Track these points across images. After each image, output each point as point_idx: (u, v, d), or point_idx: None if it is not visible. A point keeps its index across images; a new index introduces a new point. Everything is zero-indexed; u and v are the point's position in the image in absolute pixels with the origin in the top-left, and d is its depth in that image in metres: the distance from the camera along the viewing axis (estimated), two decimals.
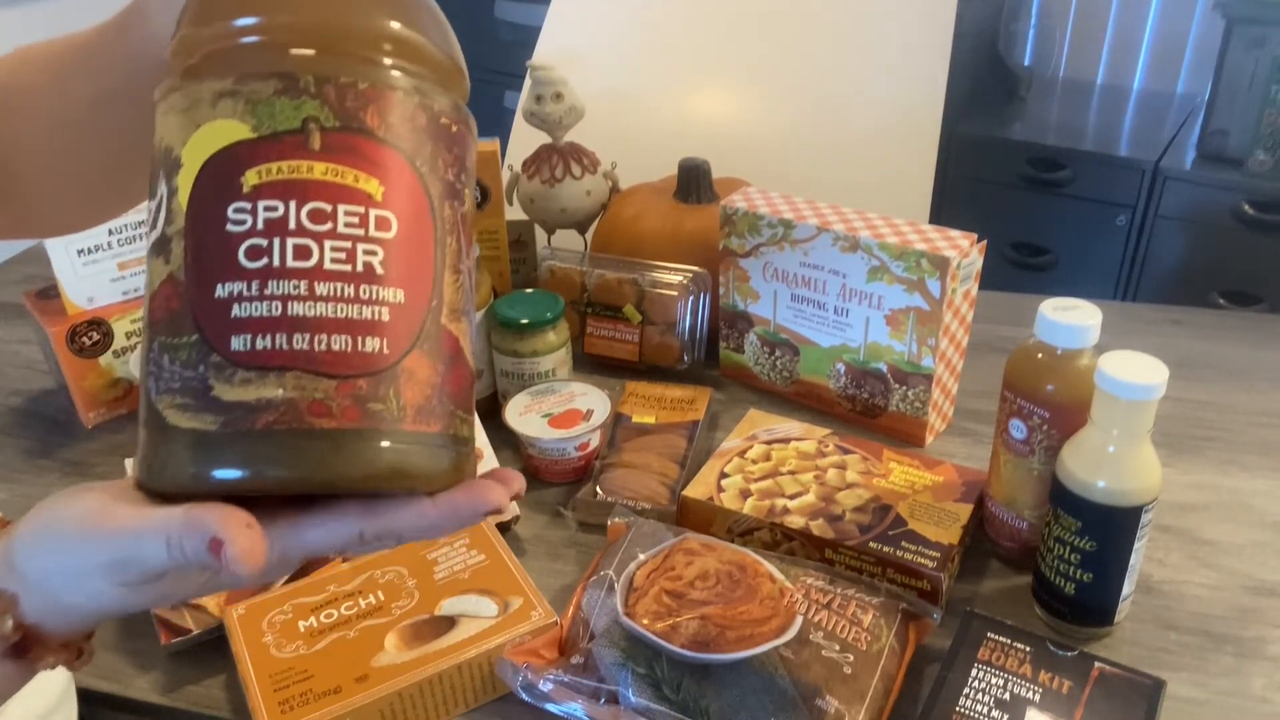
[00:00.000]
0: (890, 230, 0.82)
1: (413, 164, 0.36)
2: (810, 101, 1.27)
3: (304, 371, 0.34)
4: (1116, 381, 0.59)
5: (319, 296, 0.34)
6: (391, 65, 0.37)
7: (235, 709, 0.63)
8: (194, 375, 0.34)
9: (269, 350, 0.34)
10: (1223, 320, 1.07)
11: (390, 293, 0.35)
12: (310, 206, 0.34)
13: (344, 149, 0.35)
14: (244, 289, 0.34)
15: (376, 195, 0.35)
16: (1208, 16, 2.06)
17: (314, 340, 0.34)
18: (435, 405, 0.37)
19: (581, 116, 1.02)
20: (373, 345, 0.35)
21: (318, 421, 0.34)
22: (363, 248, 0.35)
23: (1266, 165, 1.81)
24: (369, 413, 0.35)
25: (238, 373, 0.34)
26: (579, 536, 0.77)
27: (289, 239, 0.34)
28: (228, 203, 0.34)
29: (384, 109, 0.36)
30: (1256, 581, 0.71)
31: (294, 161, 0.35)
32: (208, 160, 0.35)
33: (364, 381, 0.35)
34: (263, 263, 0.34)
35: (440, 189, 0.37)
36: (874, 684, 0.59)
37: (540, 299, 0.88)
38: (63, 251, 0.87)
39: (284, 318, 0.34)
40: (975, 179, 2.09)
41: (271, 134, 0.35)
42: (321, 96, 0.35)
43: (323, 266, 0.34)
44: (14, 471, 0.87)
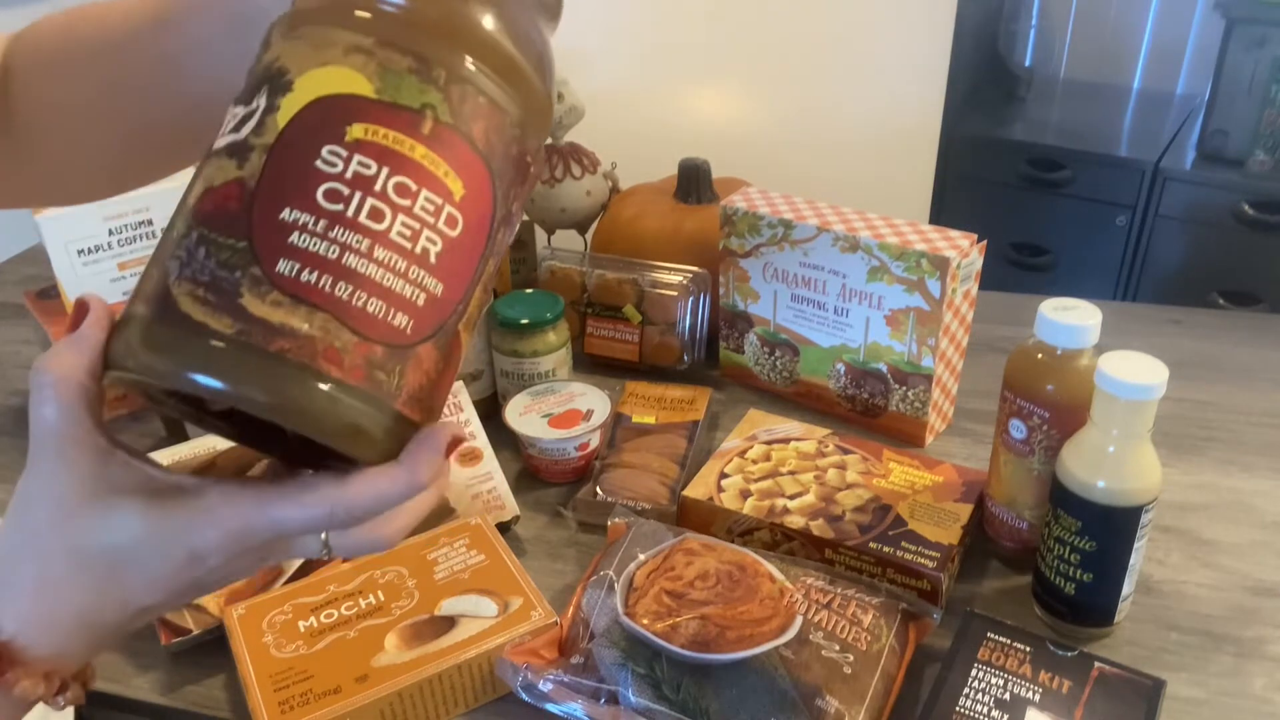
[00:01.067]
0: (890, 230, 0.82)
1: (494, 183, 0.39)
2: (810, 102, 1.27)
3: (334, 317, 0.35)
4: (1116, 381, 0.59)
5: (375, 259, 0.36)
6: (512, 94, 0.39)
7: (235, 709, 0.63)
8: (228, 277, 0.35)
9: (311, 285, 0.35)
10: (1223, 320, 1.07)
11: (433, 282, 0.37)
12: (399, 179, 0.36)
13: (446, 144, 0.37)
14: (311, 221, 0.35)
15: (457, 194, 0.38)
16: (1208, 16, 2.06)
17: (355, 294, 0.35)
18: (424, 397, 0.38)
19: (581, 116, 1.02)
20: (401, 321, 0.37)
21: (325, 366, 0.35)
22: (428, 234, 0.37)
23: (1266, 165, 1.81)
24: (372, 378, 0.36)
25: (272, 292, 0.35)
26: (579, 536, 0.77)
27: (369, 198, 0.36)
28: (325, 142, 0.36)
29: (490, 128, 0.38)
30: (1256, 581, 0.71)
31: (401, 135, 0.36)
32: (321, 97, 0.37)
33: (381, 349, 0.36)
34: (338, 207, 0.36)
35: (503, 214, 0.40)
36: (874, 684, 0.59)
37: (540, 299, 0.88)
38: (63, 251, 0.87)
39: (338, 264, 0.35)
40: (975, 179, 2.08)
41: (391, 102, 0.37)
42: (446, 92, 0.37)
43: (389, 235, 0.36)
44: (14, 471, 0.86)
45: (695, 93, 1.31)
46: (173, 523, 0.37)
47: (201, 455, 0.81)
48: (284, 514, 0.38)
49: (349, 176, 0.36)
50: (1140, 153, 1.94)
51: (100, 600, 0.38)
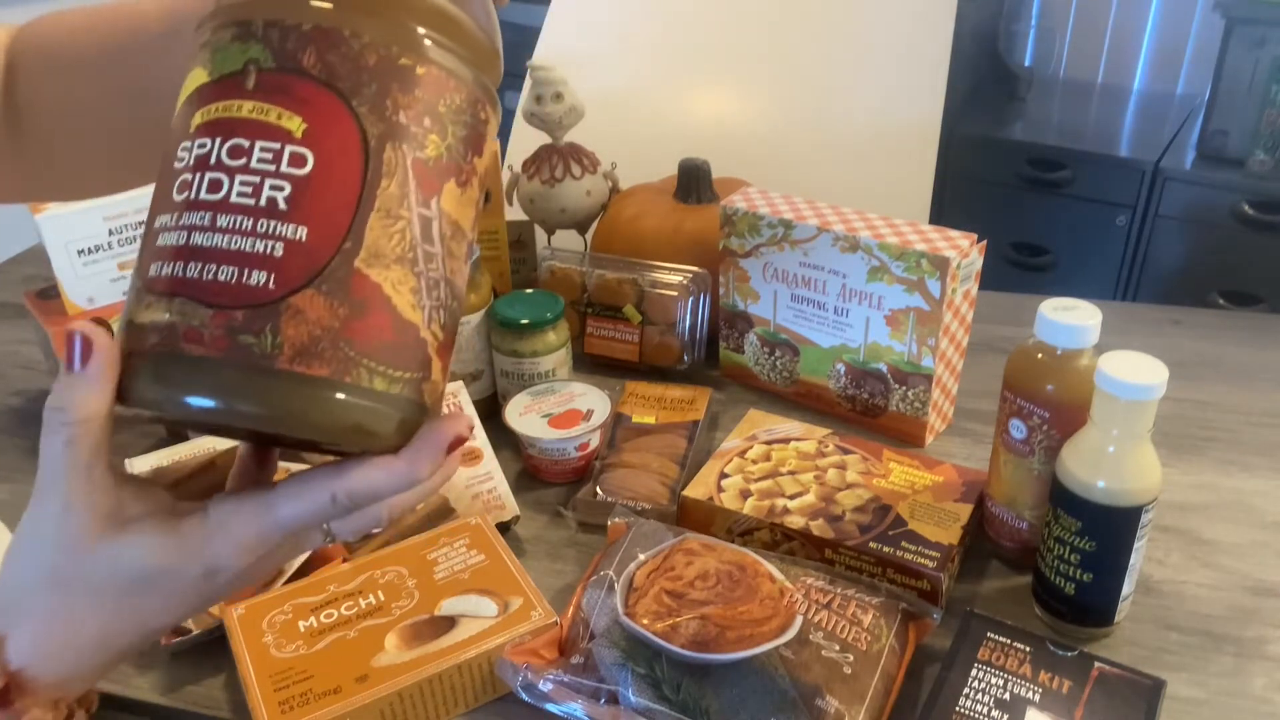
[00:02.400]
0: (890, 230, 0.82)
1: (348, 102, 0.36)
2: (810, 101, 1.27)
3: (188, 299, 0.35)
4: (1116, 381, 0.59)
5: (219, 228, 0.35)
6: (340, 5, 0.37)
7: (235, 709, 0.63)
8: (130, 297, 0.37)
9: (168, 277, 0.36)
10: (1223, 320, 1.07)
11: (289, 229, 0.35)
12: (231, 143, 0.36)
13: (274, 88, 0.36)
14: (169, 220, 0.36)
15: (296, 132, 0.36)
16: (1208, 17, 2.06)
17: (204, 269, 0.35)
18: (325, 349, 0.35)
19: (581, 116, 1.02)
20: (258, 279, 0.35)
21: (188, 348, 0.35)
22: (270, 183, 0.35)
23: (1266, 165, 1.81)
24: (237, 344, 0.35)
25: (146, 297, 0.36)
26: (579, 536, 0.77)
27: (207, 173, 0.36)
28: (179, 142, 0.37)
29: (324, 48, 0.36)
30: (1256, 581, 0.71)
31: (228, 101, 0.36)
32: (179, 107, 0.38)
33: (240, 314, 0.35)
34: (184, 196, 0.36)
35: (384, 130, 0.36)
36: (874, 684, 0.59)
37: (540, 299, 0.88)
38: (63, 251, 0.87)
39: (185, 246, 0.35)
40: (975, 179, 2.09)
41: (219, 77, 0.36)
42: (265, 39, 0.36)
43: (229, 200, 0.35)
44: (14, 471, 0.87)
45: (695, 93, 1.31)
46: (187, 544, 0.38)
47: (201, 455, 0.81)
48: (289, 512, 0.38)
49: (191, 163, 0.36)
50: (1140, 153, 1.94)
51: (118, 626, 0.39)
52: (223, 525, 0.38)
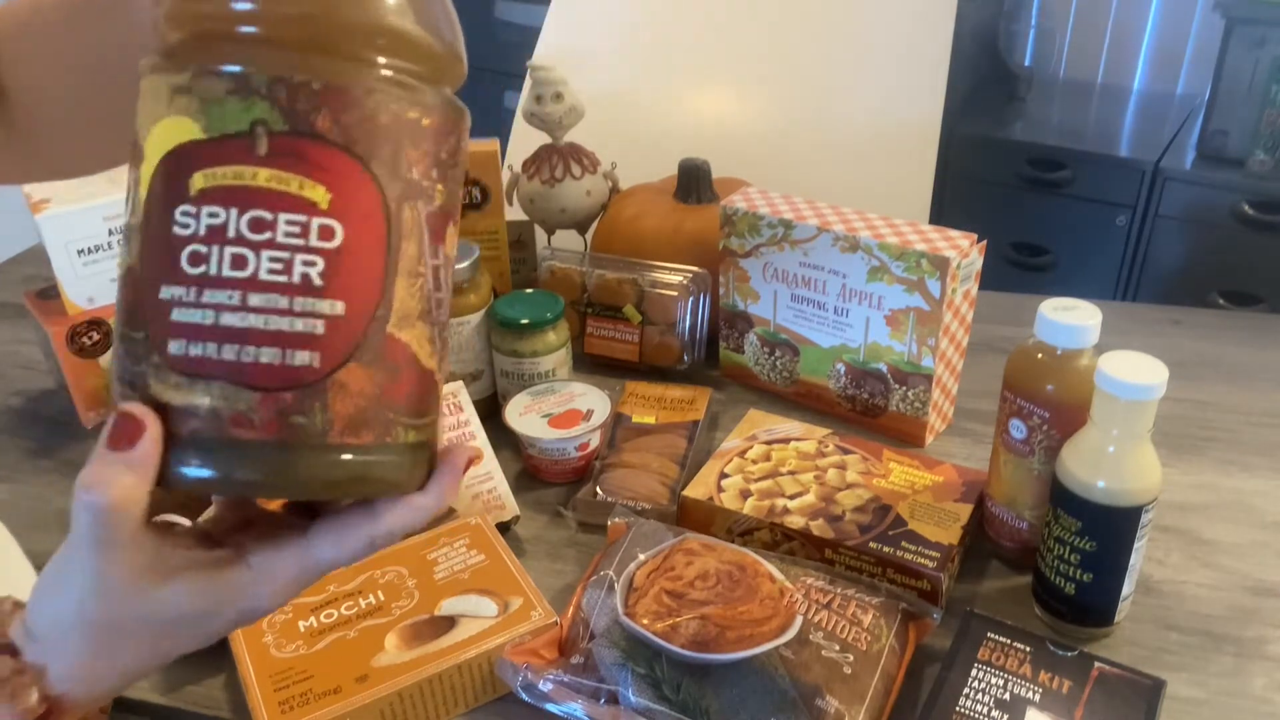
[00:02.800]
0: (890, 230, 0.82)
1: (367, 167, 0.35)
2: (810, 101, 1.27)
3: (230, 383, 0.34)
4: (1116, 381, 0.59)
5: (251, 308, 0.34)
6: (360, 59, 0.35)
7: (235, 709, 0.63)
8: (139, 371, 0.35)
9: (200, 358, 0.34)
10: (1223, 320, 1.07)
11: (328, 305, 0.35)
12: (251, 215, 0.34)
13: (291, 154, 0.34)
14: (184, 294, 0.34)
15: (322, 203, 0.34)
16: (1208, 16, 2.06)
17: (242, 352, 0.34)
18: (371, 416, 0.36)
19: (581, 116, 1.02)
20: (303, 359, 0.34)
21: (238, 432, 0.34)
22: (301, 258, 0.34)
23: (1266, 165, 1.81)
24: (290, 426, 0.34)
25: (171, 376, 0.34)
26: (579, 536, 0.77)
27: (227, 247, 0.34)
28: (176, 204, 0.34)
29: (338, 110, 0.34)
30: (1256, 581, 0.71)
31: (239, 167, 0.34)
32: (162, 158, 0.35)
33: (290, 395, 0.34)
34: (201, 270, 0.34)
35: (400, 190, 0.36)
36: (874, 684, 0.59)
37: (540, 299, 0.88)
38: (63, 251, 0.87)
39: (216, 327, 0.34)
40: (975, 179, 2.08)
41: (220, 136, 0.34)
42: (272, 98, 0.34)
43: (258, 277, 0.34)
44: (14, 471, 0.87)
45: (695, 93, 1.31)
46: (228, 590, 0.39)
47: None
48: (329, 557, 0.39)
49: (203, 233, 0.34)
50: (1140, 153, 1.94)
51: (152, 656, 0.39)
52: (264, 573, 0.39)
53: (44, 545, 0.76)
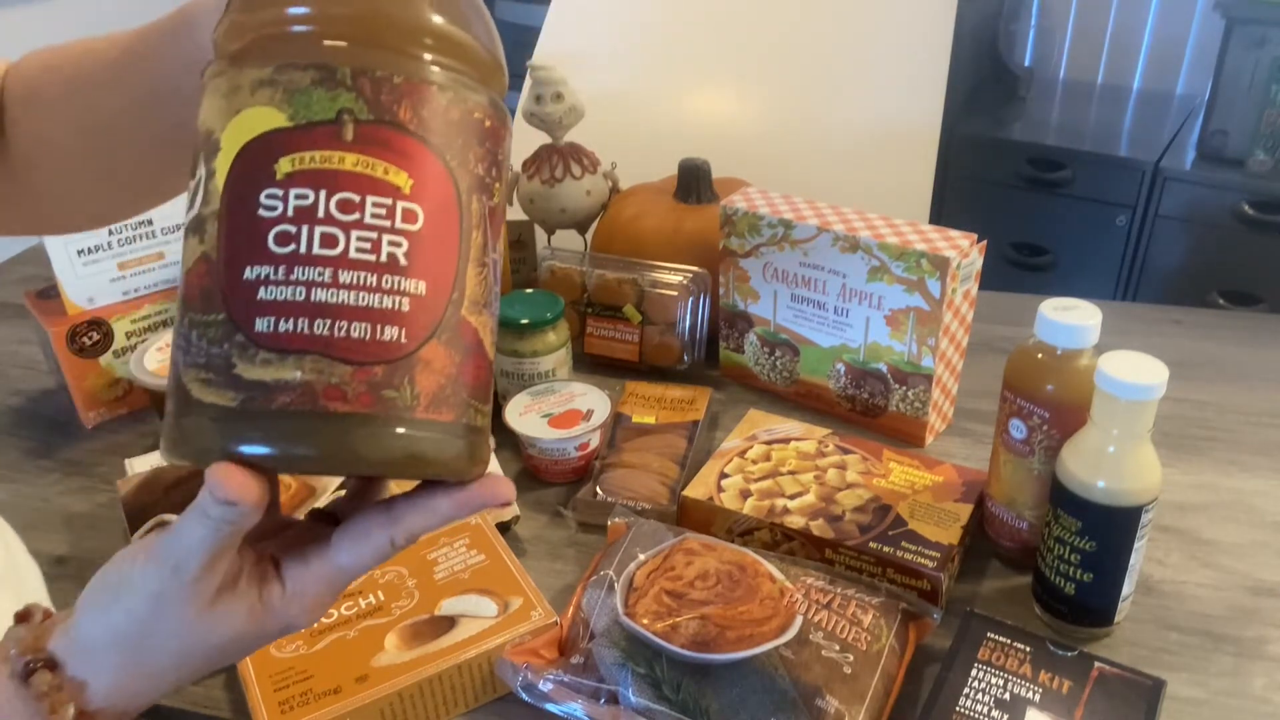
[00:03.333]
0: (890, 230, 0.82)
1: (442, 158, 0.37)
2: (810, 101, 1.27)
3: (322, 356, 0.35)
4: (1116, 381, 0.59)
5: (342, 284, 0.35)
6: (430, 60, 0.37)
7: (235, 709, 0.63)
8: (219, 352, 0.35)
9: (290, 334, 0.35)
10: (1223, 320, 1.07)
11: (412, 284, 0.36)
12: (339, 196, 0.35)
13: (375, 141, 0.36)
14: (271, 272, 0.35)
15: (405, 188, 0.36)
16: (1208, 16, 2.06)
17: (334, 326, 0.35)
18: (450, 395, 0.38)
19: (581, 116, 1.02)
20: (391, 334, 0.36)
21: (331, 405, 0.35)
22: (388, 239, 0.36)
23: (1266, 165, 1.81)
24: (382, 399, 0.36)
25: (259, 353, 0.35)
26: (579, 536, 0.77)
27: (317, 227, 0.35)
28: (261, 188, 0.35)
29: (417, 103, 0.36)
30: (1256, 581, 0.71)
31: (326, 151, 0.35)
32: (244, 146, 0.36)
33: (380, 369, 0.36)
34: (290, 248, 0.35)
35: (469, 183, 0.38)
36: (874, 684, 0.59)
37: (540, 299, 0.88)
38: (63, 251, 0.87)
39: (307, 303, 0.35)
40: (975, 179, 2.08)
41: (306, 123, 0.35)
42: (357, 89, 0.36)
43: (348, 255, 0.35)
44: (14, 471, 0.87)
45: (695, 93, 1.31)
46: (271, 614, 0.40)
47: None
48: (351, 561, 0.40)
49: (291, 214, 0.35)
50: (1140, 153, 1.94)
51: (189, 676, 0.40)
52: (299, 590, 0.40)
53: (44, 545, 0.76)
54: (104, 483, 0.84)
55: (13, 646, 0.39)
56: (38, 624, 0.40)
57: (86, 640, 0.38)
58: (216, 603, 0.38)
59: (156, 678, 0.39)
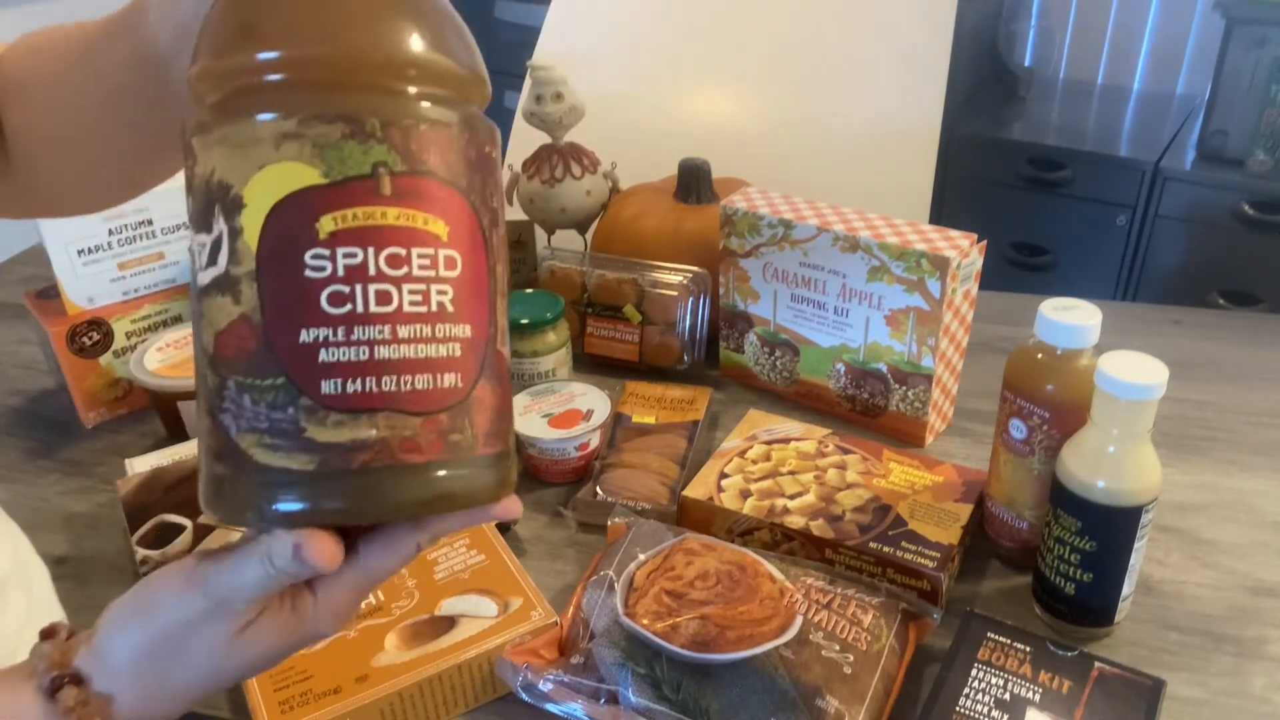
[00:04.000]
0: (890, 230, 0.82)
1: (468, 199, 0.38)
2: (810, 102, 1.27)
3: (394, 411, 0.36)
4: (1116, 381, 0.59)
5: (401, 339, 0.36)
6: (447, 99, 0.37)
7: (235, 709, 0.63)
8: (284, 417, 0.35)
9: (360, 393, 0.35)
10: (1223, 320, 1.07)
11: (460, 329, 0.37)
12: (388, 252, 0.35)
13: (413, 193, 0.36)
14: (329, 334, 0.35)
15: (444, 236, 0.37)
16: (1208, 17, 2.06)
17: (400, 381, 0.36)
18: (498, 427, 0.39)
19: (581, 116, 1.02)
20: (450, 380, 0.37)
21: (408, 457, 0.36)
22: (435, 288, 0.36)
23: (1266, 165, 1.81)
24: (450, 444, 0.37)
25: (330, 415, 0.35)
26: (579, 536, 0.77)
27: (370, 285, 0.35)
28: (305, 249, 0.35)
29: (444, 150, 0.37)
30: (1256, 581, 0.71)
31: (368, 208, 0.35)
32: (278, 204, 0.35)
33: (445, 416, 0.37)
34: (347, 309, 0.35)
35: (489, 218, 0.39)
36: (874, 684, 0.59)
37: (540, 299, 0.88)
38: (63, 251, 0.87)
39: (371, 361, 0.35)
40: (975, 179, 2.08)
41: (343, 179, 0.35)
42: (389, 141, 0.35)
43: (402, 310, 0.36)
44: (14, 471, 0.86)
45: (695, 93, 1.31)
46: (304, 628, 0.40)
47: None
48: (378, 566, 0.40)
49: (342, 274, 0.35)
50: (1140, 153, 1.94)
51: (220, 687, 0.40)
52: (329, 599, 0.40)
53: (44, 545, 0.76)
54: (104, 483, 0.84)
55: (40, 662, 0.39)
56: (63, 640, 0.40)
57: (112, 658, 0.38)
58: (251, 627, 0.39)
59: (184, 693, 0.39)
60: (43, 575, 0.64)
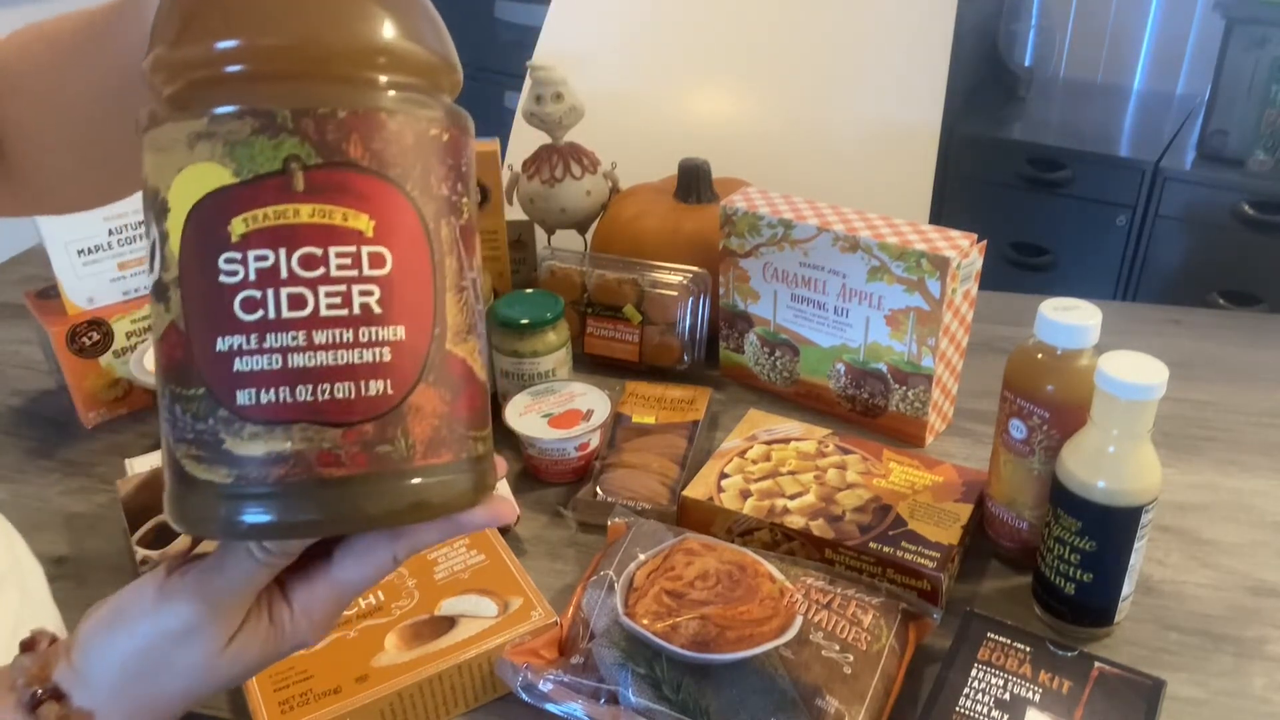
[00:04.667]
0: (890, 230, 0.82)
1: (403, 189, 0.35)
2: (810, 101, 1.27)
3: (310, 423, 0.34)
4: (1116, 381, 0.59)
5: (318, 345, 0.33)
6: (374, 82, 0.35)
7: (235, 709, 0.63)
8: (205, 428, 0.34)
9: (274, 404, 0.33)
10: (1223, 320, 1.07)
11: (390, 331, 0.34)
12: (301, 253, 0.33)
13: (330, 187, 0.33)
14: (244, 343, 0.33)
15: (367, 231, 0.34)
16: (1208, 17, 2.06)
17: (317, 390, 0.34)
18: (446, 435, 0.36)
19: (581, 116, 1.02)
20: (376, 388, 0.34)
21: (328, 471, 0.34)
22: (358, 289, 0.34)
23: (1266, 165, 1.81)
24: (377, 456, 0.34)
25: (246, 427, 0.34)
26: (579, 536, 0.77)
27: (283, 289, 0.33)
28: (218, 253, 0.33)
29: (368, 136, 0.34)
30: (1256, 581, 0.71)
31: (280, 206, 0.33)
32: (193, 207, 0.34)
33: (370, 426, 0.34)
34: (259, 315, 0.33)
35: (435, 208, 0.36)
36: (874, 684, 0.59)
37: (540, 299, 0.88)
38: (63, 251, 0.87)
39: (285, 370, 0.33)
40: (975, 179, 2.08)
41: (253, 178, 0.33)
42: (301, 132, 0.33)
43: (319, 314, 0.33)
44: (14, 471, 0.86)
45: (695, 93, 1.31)
46: (284, 639, 0.40)
47: None
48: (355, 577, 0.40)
49: (254, 278, 0.33)
50: (1140, 153, 1.94)
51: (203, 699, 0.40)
52: (306, 609, 0.40)
53: (44, 546, 0.76)
54: (104, 483, 0.84)
55: (19, 676, 0.38)
56: (43, 651, 0.40)
57: (91, 675, 0.38)
58: (234, 640, 0.38)
59: (166, 708, 0.39)
60: (38, 576, 0.64)
